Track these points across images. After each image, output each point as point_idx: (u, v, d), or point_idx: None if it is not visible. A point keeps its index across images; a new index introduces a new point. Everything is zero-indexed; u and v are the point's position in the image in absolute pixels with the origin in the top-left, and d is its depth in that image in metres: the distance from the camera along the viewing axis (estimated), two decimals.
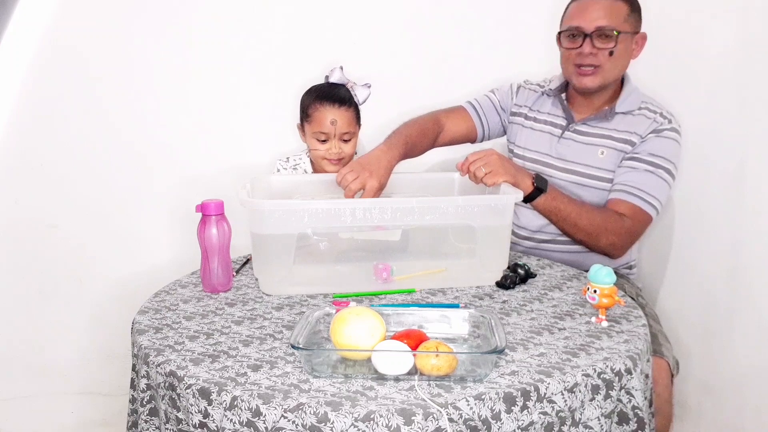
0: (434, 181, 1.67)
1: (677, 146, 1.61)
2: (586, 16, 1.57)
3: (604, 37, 1.56)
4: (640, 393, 1.07)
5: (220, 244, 1.36)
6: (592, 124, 1.66)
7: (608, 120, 1.64)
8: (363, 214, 1.31)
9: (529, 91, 1.81)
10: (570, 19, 1.61)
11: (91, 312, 2.06)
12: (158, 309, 1.28)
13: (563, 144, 1.68)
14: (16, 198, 1.97)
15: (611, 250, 1.61)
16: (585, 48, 1.57)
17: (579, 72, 1.61)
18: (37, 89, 1.93)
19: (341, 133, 1.69)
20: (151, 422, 1.12)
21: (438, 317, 1.14)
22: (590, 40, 1.56)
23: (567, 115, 1.70)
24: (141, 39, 1.94)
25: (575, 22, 1.58)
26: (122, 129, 1.99)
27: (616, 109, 1.64)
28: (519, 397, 0.94)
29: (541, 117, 1.75)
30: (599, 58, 1.57)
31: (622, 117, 1.64)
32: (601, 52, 1.57)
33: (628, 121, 1.63)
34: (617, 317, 1.21)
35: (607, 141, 1.63)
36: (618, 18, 1.56)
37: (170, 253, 2.02)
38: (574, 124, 1.68)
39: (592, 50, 1.57)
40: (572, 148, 1.67)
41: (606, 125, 1.64)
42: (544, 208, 1.57)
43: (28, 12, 1.87)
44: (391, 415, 0.89)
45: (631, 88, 1.66)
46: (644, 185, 1.58)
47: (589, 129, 1.66)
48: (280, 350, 1.09)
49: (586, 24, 1.56)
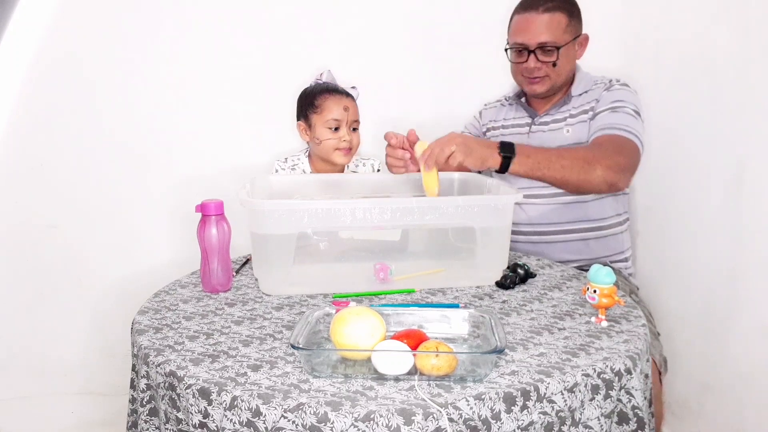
0: None
1: (631, 93, 1.70)
2: (528, 32, 1.67)
3: (546, 51, 1.67)
4: (639, 393, 1.07)
5: (220, 244, 1.36)
6: (554, 111, 1.77)
7: (567, 104, 1.75)
8: (363, 214, 1.31)
9: (490, 109, 1.93)
10: (515, 35, 1.71)
11: (91, 312, 2.06)
12: (158, 309, 1.28)
13: (533, 138, 1.77)
14: (15, 199, 1.97)
15: (612, 179, 1.56)
16: (530, 63, 1.69)
17: (528, 81, 1.73)
18: (37, 90, 1.93)
19: (352, 120, 1.73)
20: (151, 422, 1.12)
21: (438, 317, 1.14)
22: (534, 55, 1.68)
23: (530, 113, 1.81)
24: (141, 40, 1.95)
25: (519, 38, 1.69)
26: (122, 129, 1.99)
27: (572, 93, 1.75)
28: (519, 397, 0.94)
29: (507, 124, 1.86)
30: (544, 69, 1.69)
31: (579, 97, 1.75)
32: (546, 65, 1.68)
33: (584, 98, 1.75)
34: (617, 317, 1.21)
35: (569, 119, 1.73)
36: (558, 31, 1.66)
37: (170, 253, 2.02)
38: (538, 117, 1.79)
39: (536, 64, 1.68)
40: (541, 138, 1.76)
41: (566, 108, 1.75)
42: (521, 169, 1.52)
43: (28, 13, 1.87)
44: (391, 415, 0.89)
45: (582, 75, 1.78)
46: (613, 122, 1.64)
47: (553, 117, 1.76)
48: (280, 350, 1.09)
49: (528, 40, 1.67)
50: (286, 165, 1.80)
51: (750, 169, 1.53)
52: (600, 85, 1.74)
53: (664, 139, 1.81)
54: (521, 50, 1.69)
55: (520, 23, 1.70)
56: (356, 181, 1.68)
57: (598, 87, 1.74)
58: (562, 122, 1.74)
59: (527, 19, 1.68)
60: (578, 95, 1.75)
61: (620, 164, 1.58)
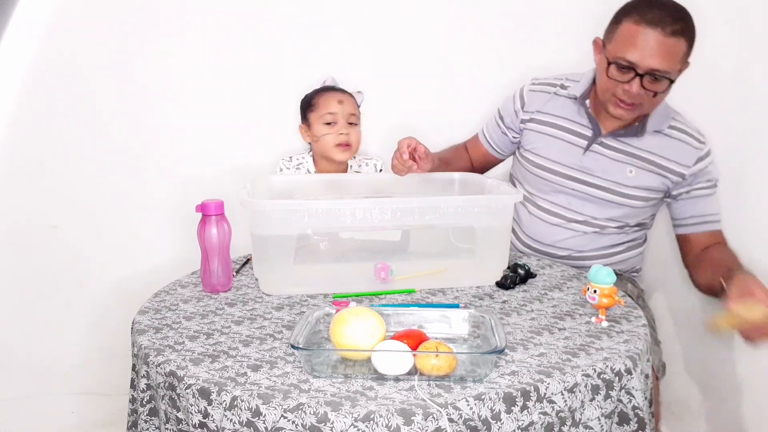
0: (434, 181, 1.67)
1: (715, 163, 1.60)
2: (645, 53, 1.41)
3: (655, 80, 1.44)
4: (640, 393, 1.07)
5: (220, 244, 1.36)
6: (622, 139, 1.58)
7: (638, 137, 1.57)
8: (363, 214, 1.31)
9: (539, 93, 1.70)
10: (627, 49, 1.43)
11: (91, 312, 2.05)
12: (158, 309, 1.28)
13: (589, 157, 1.60)
14: (15, 199, 1.97)
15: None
16: (633, 87, 1.45)
17: (618, 103, 1.50)
18: (37, 90, 1.93)
19: (348, 114, 1.72)
20: (151, 422, 1.12)
21: (438, 317, 1.14)
22: (640, 80, 1.43)
23: (594, 126, 1.60)
24: (141, 40, 1.94)
25: (632, 56, 1.42)
26: (122, 129, 1.99)
27: (647, 127, 1.56)
28: (519, 397, 0.94)
29: (560, 123, 1.65)
30: (643, 97, 1.47)
31: (653, 135, 1.57)
32: (647, 93, 1.46)
33: (658, 142, 1.57)
34: (617, 317, 1.21)
35: (637, 160, 1.57)
36: (675, 60, 1.43)
37: (170, 253, 2.02)
38: (602, 137, 1.59)
39: (640, 91, 1.45)
40: (600, 163, 1.59)
41: (635, 143, 1.57)
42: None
43: (28, 13, 1.87)
44: (391, 415, 0.89)
45: (662, 106, 1.57)
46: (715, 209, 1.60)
47: (618, 144, 1.58)
48: (280, 350, 1.09)
49: (641, 62, 1.42)
50: (291, 164, 1.80)
51: (750, 170, 1.53)
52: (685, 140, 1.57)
53: None
54: (627, 68, 1.44)
55: (638, 39, 1.41)
56: (357, 181, 1.68)
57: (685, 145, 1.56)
58: (628, 156, 1.58)
59: (649, 38, 1.40)
60: (653, 132, 1.57)
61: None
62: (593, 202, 1.61)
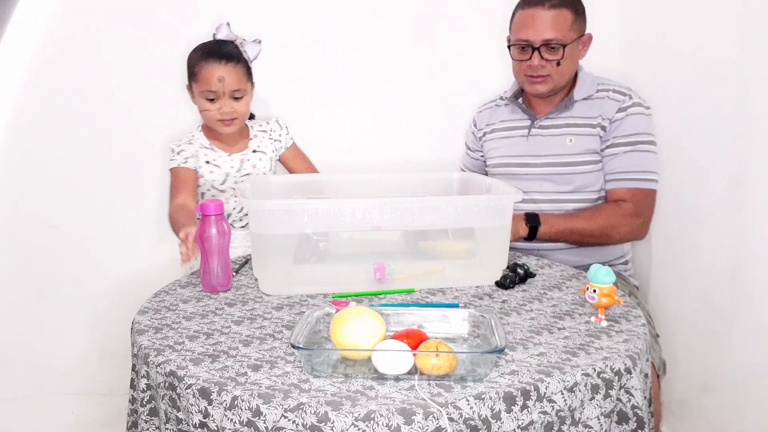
0: (434, 181, 1.67)
1: (645, 118, 1.68)
2: (533, 29, 1.62)
3: (551, 48, 1.62)
4: (639, 392, 1.07)
5: (220, 244, 1.36)
6: (555, 116, 1.73)
7: (569, 109, 1.71)
8: (363, 215, 1.31)
9: (485, 111, 1.90)
10: (518, 31, 1.66)
11: (91, 312, 2.06)
12: (158, 309, 1.28)
13: (532, 141, 1.75)
14: (16, 199, 1.97)
15: (629, 238, 1.70)
16: (534, 60, 1.64)
17: (531, 81, 1.68)
18: (37, 89, 1.93)
19: (231, 90, 1.65)
20: (151, 422, 1.12)
21: (438, 317, 1.14)
22: (538, 53, 1.63)
23: (529, 115, 1.77)
24: (141, 40, 1.95)
25: (523, 35, 1.64)
26: (122, 129, 1.99)
27: (574, 98, 1.71)
28: (519, 397, 0.94)
29: (504, 125, 1.82)
30: (548, 68, 1.65)
31: (582, 103, 1.71)
32: (550, 63, 1.64)
33: (588, 106, 1.70)
34: (617, 317, 1.21)
35: (572, 129, 1.70)
36: (563, 28, 1.62)
37: (170, 253, 2.02)
38: (538, 120, 1.75)
39: (540, 62, 1.64)
40: (542, 143, 1.73)
41: (568, 114, 1.71)
42: (548, 237, 1.64)
43: (29, 12, 1.87)
44: (391, 415, 0.89)
45: (584, 76, 1.73)
46: (630, 166, 1.65)
47: (553, 121, 1.73)
48: (280, 350, 1.09)
49: (533, 37, 1.62)
50: (182, 143, 1.74)
51: (750, 170, 1.53)
52: (609, 96, 1.68)
53: (664, 138, 1.81)
54: (525, 47, 1.64)
55: (525, 19, 1.64)
56: (357, 181, 1.68)
57: (608, 99, 1.68)
58: (564, 128, 1.71)
59: (532, 15, 1.62)
60: (581, 100, 1.70)
61: (639, 225, 1.67)
62: (548, 179, 1.71)
